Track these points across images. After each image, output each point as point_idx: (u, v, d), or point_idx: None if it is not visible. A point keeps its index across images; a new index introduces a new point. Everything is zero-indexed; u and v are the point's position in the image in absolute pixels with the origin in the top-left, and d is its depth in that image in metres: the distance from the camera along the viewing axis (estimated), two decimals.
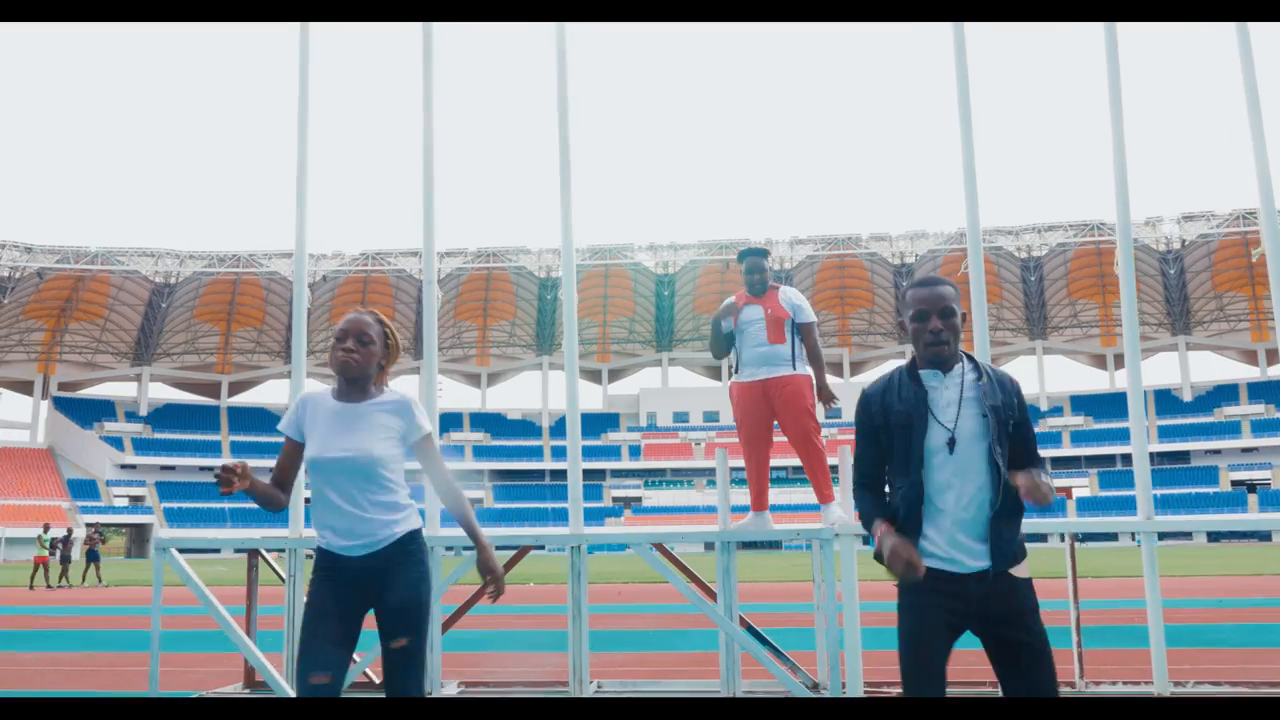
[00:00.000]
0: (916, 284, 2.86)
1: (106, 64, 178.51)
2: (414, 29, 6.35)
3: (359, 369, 3.14)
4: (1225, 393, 74.79)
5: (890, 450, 2.82)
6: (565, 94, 5.20)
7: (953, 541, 2.71)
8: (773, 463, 5.51)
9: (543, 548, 5.79)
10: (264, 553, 5.53)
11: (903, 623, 2.76)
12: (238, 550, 5.17)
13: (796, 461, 5.37)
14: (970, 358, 2.87)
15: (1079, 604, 5.52)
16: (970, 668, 6.40)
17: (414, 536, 3.13)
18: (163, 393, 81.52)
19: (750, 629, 5.56)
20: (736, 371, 5.51)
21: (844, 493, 5.22)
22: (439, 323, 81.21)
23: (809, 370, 5.46)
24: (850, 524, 4.86)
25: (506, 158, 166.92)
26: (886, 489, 2.88)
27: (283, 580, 5.48)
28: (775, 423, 5.42)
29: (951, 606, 2.71)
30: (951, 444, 2.71)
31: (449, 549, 5.35)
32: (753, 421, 5.36)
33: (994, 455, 2.72)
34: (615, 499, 75.48)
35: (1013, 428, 2.80)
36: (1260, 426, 70.36)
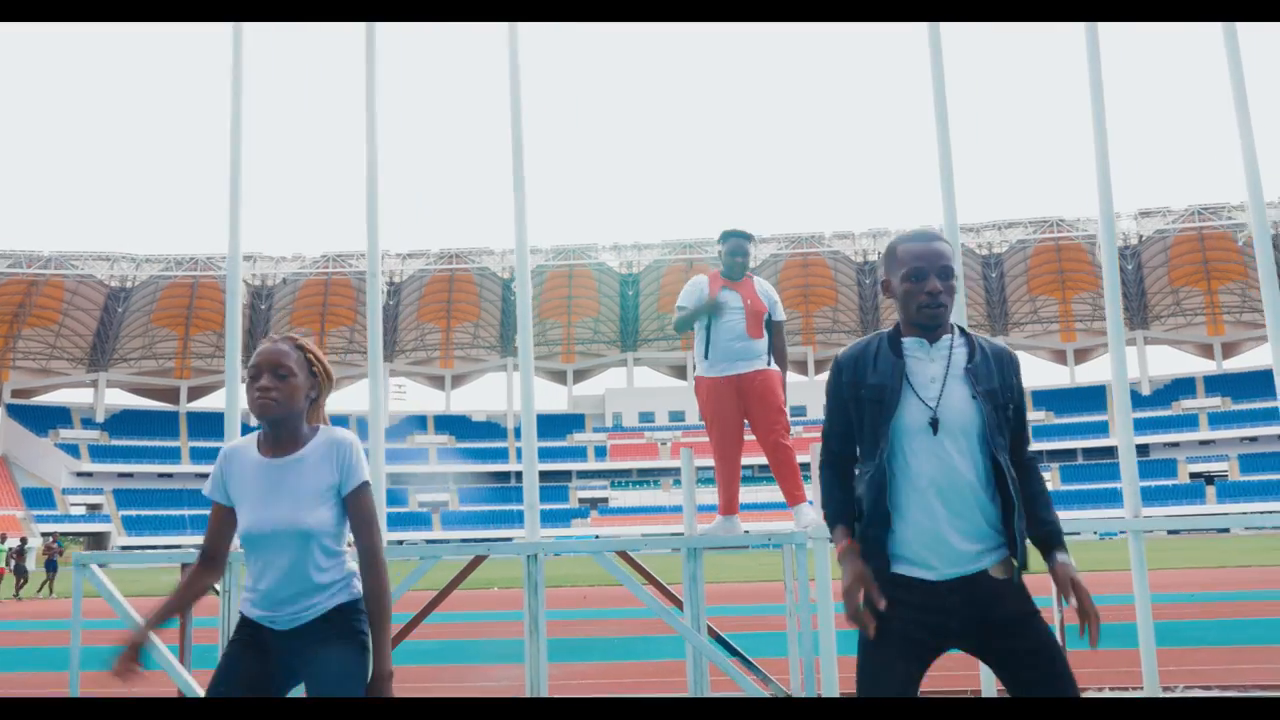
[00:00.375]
0: (910, 238, 2.46)
1: (58, 66, 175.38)
2: (394, 27, 5.96)
3: (281, 409, 2.66)
4: (1182, 386, 75.82)
5: (860, 426, 2.43)
6: (518, 95, 5.00)
7: (930, 542, 2.30)
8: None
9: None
10: None
11: (863, 638, 2.37)
12: (184, 563, 4.78)
13: (761, 459, 5.07)
14: (963, 330, 2.49)
15: (1062, 603, 5.28)
16: (952, 673, 6.17)
17: (351, 609, 2.68)
18: (120, 399, 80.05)
19: (718, 638, 5.27)
20: (706, 361, 5.13)
21: (815, 492, 4.94)
22: (401, 325, 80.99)
23: (777, 367, 5.18)
24: (824, 526, 4.58)
25: (470, 159, 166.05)
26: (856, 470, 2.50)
27: (217, 593, 5.13)
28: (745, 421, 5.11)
29: (924, 621, 2.30)
30: (934, 425, 2.32)
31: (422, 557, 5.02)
32: (725, 420, 5.02)
33: (992, 447, 2.34)
34: (581, 500, 75.13)
35: (1011, 412, 2.43)
36: (1217, 419, 71.39)
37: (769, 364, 5.08)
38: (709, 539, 4.78)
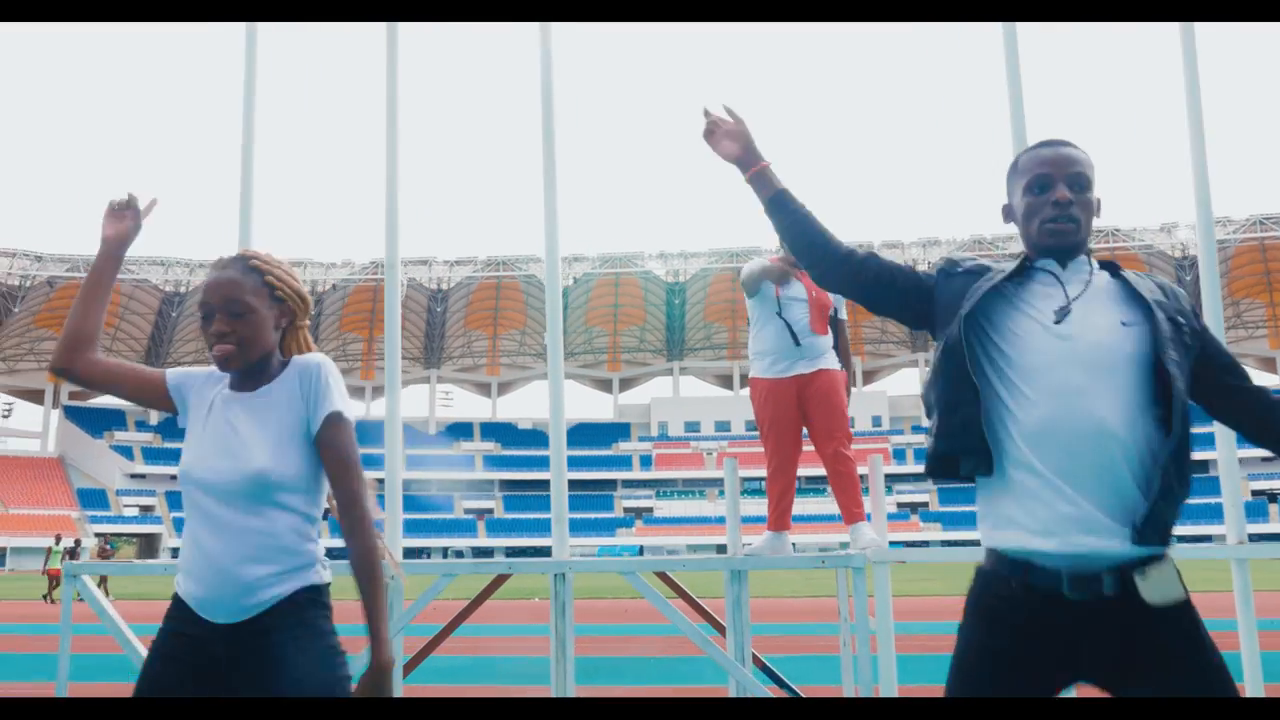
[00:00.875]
0: (1034, 145, 2.03)
1: (112, 70, 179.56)
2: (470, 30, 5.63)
3: (244, 356, 2.11)
4: None
5: (932, 300, 2.01)
6: (550, 98, 4.74)
7: (1041, 508, 1.74)
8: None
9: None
10: None
11: (957, 657, 1.85)
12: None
13: (814, 470, 4.58)
14: (1102, 262, 2.01)
15: None
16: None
17: (310, 599, 2.04)
18: None
19: (764, 667, 4.82)
20: (765, 359, 4.58)
21: (877, 511, 4.46)
22: (449, 331, 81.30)
23: (843, 368, 4.68)
24: (885, 549, 4.11)
25: (520, 167, 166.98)
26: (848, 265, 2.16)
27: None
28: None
29: (1044, 648, 1.74)
30: (1063, 338, 1.81)
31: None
32: (784, 425, 4.49)
33: (1166, 365, 1.78)
34: (626, 509, 74.77)
35: (1188, 337, 1.88)
36: None
37: (835, 365, 4.58)
38: (754, 560, 4.32)
